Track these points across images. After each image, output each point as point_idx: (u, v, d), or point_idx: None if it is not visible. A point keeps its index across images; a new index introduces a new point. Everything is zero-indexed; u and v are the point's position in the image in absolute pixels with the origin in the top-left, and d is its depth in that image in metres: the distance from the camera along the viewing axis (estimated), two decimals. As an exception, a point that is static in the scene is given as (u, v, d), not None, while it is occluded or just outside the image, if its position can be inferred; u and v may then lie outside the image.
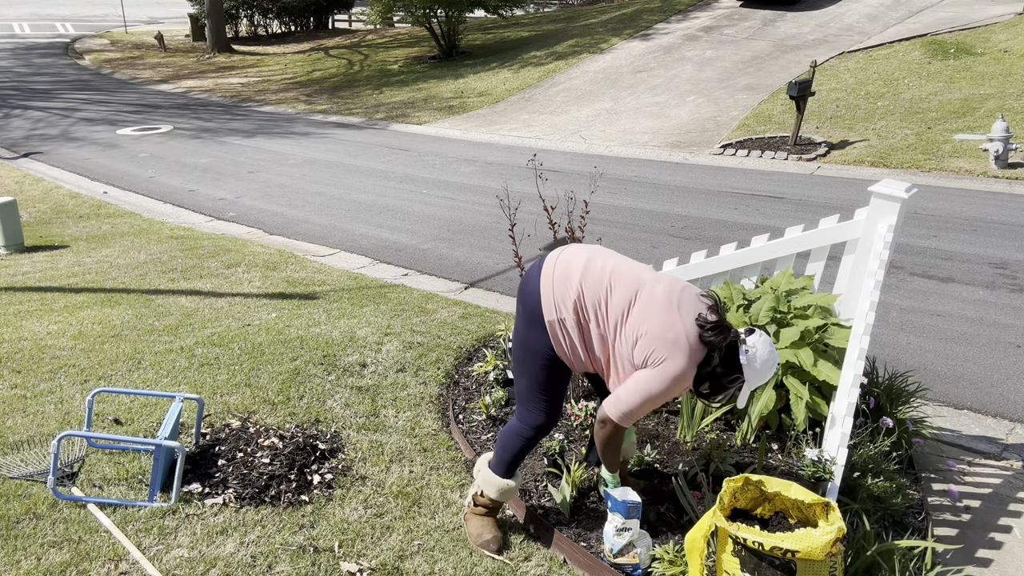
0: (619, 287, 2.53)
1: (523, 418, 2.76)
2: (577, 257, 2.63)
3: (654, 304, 2.48)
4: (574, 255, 2.65)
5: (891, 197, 3.39)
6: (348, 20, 28.99)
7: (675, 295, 2.51)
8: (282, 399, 3.90)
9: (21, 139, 12.79)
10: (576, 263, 2.61)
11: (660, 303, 2.48)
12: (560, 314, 2.58)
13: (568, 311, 2.56)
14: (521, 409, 2.77)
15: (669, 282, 2.55)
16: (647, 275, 2.58)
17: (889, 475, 3.08)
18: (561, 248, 2.73)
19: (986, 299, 5.55)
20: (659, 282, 2.55)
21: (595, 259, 2.61)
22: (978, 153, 9.46)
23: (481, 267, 6.54)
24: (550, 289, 2.60)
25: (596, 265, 2.59)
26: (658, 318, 2.46)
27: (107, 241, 7.19)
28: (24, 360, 4.29)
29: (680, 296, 2.51)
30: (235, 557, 2.76)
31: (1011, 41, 13.36)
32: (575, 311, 2.56)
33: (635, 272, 2.58)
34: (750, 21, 17.78)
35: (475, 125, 13.49)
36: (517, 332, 2.71)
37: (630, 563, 2.68)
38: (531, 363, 2.67)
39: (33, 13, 32.83)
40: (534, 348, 2.65)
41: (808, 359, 3.28)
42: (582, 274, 2.57)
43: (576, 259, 2.63)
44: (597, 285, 2.55)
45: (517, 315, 2.72)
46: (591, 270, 2.58)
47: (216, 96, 17.59)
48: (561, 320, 2.58)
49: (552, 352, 2.64)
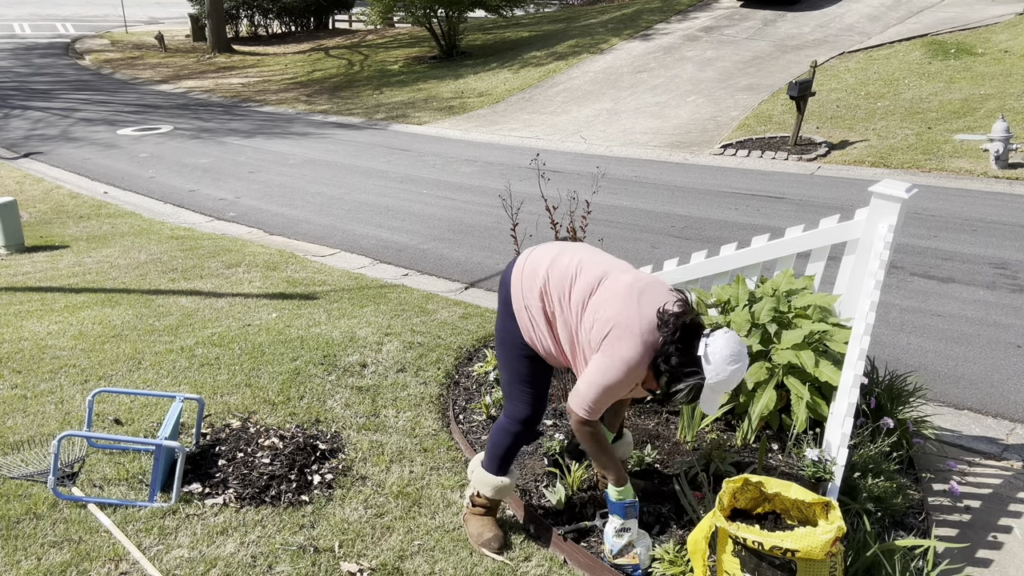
0: (584, 275, 2.57)
1: (508, 412, 2.79)
2: (549, 250, 2.71)
3: (615, 291, 2.49)
4: (547, 248, 2.72)
5: (891, 197, 3.39)
6: (348, 20, 29.00)
7: (639, 285, 2.49)
8: (282, 399, 3.90)
9: (21, 139, 12.79)
10: (547, 255, 2.68)
11: (621, 291, 2.48)
12: (527, 300, 2.63)
13: (535, 298, 2.62)
14: (507, 404, 2.80)
15: (636, 275, 2.55)
16: (616, 266, 2.60)
17: (889, 475, 3.08)
18: (540, 244, 2.79)
19: (986, 299, 5.55)
20: (626, 272, 2.56)
21: (566, 252, 2.67)
22: (978, 153, 9.46)
23: (481, 267, 6.54)
24: (519, 278, 2.67)
25: (565, 256, 2.64)
26: (616, 303, 2.46)
27: (107, 241, 7.19)
28: (24, 360, 4.29)
29: (644, 287, 2.50)
30: (235, 557, 2.76)
31: (1011, 41, 13.35)
32: (540, 298, 2.61)
33: (604, 263, 2.60)
34: (750, 21, 17.78)
35: (475, 125, 13.49)
36: (497, 325, 2.78)
37: (630, 563, 2.68)
38: (509, 354, 2.73)
39: (33, 13, 32.84)
40: (510, 340, 2.71)
41: (809, 360, 3.28)
42: (550, 264, 2.64)
43: (548, 251, 2.70)
44: (563, 274, 2.59)
45: (497, 309, 2.78)
46: (559, 260, 2.63)
47: (216, 96, 17.59)
48: (528, 307, 2.63)
49: (524, 341, 2.68)
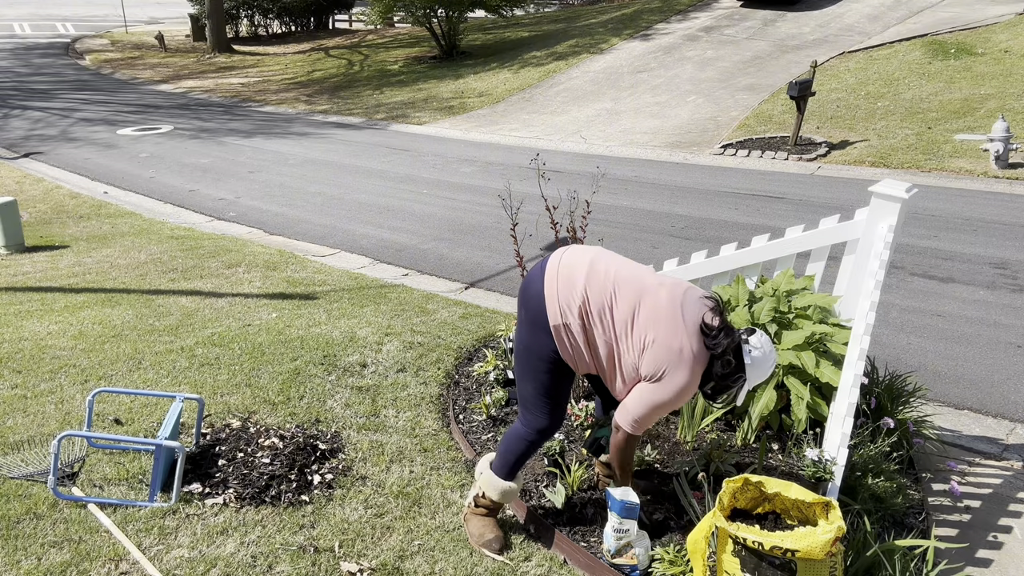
0: (623, 294, 2.54)
1: (527, 422, 2.75)
2: (580, 261, 2.63)
3: (659, 312, 2.49)
4: (577, 259, 2.64)
5: (891, 197, 3.39)
6: (348, 20, 29.00)
7: (678, 300, 2.52)
8: (282, 399, 3.90)
9: (20, 139, 12.79)
10: (580, 267, 2.60)
11: (665, 310, 2.49)
12: (565, 319, 2.57)
13: (573, 316, 2.56)
14: (525, 413, 2.76)
15: (671, 286, 2.56)
16: (649, 279, 2.58)
17: (889, 475, 3.08)
18: (563, 250, 2.72)
19: (986, 299, 5.54)
20: (662, 287, 2.55)
21: (598, 263, 2.61)
22: (978, 153, 9.45)
23: (481, 267, 6.54)
24: (554, 293, 2.59)
25: (600, 270, 2.58)
26: (663, 326, 2.47)
27: (107, 241, 7.19)
28: (24, 360, 4.29)
29: (683, 300, 2.52)
30: (235, 557, 2.76)
31: (1011, 41, 13.35)
32: (580, 316, 2.56)
33: (638, 277, 2.58)
34: (750, 21, 17.78)
35: (475, 125, 13.49)
36: (520, 337, 2.69)
37: (628, 563, 2.68)
38: (535, 367, 2.66)
39: (33, 13, 32.83)
40: (539, 352, 2.64)
41: (810, 361, 3.29)
42: (587, 279, 2.57)
43: (579, 263, 2.62)
44: (601, 291, 2.55)
45: (519, 319, 2.70)
46: (595, 275, 2.57)
47: (216, 96, 17.59)
48: (567, 325, 2.57)
49: (557, 355, 2.63)
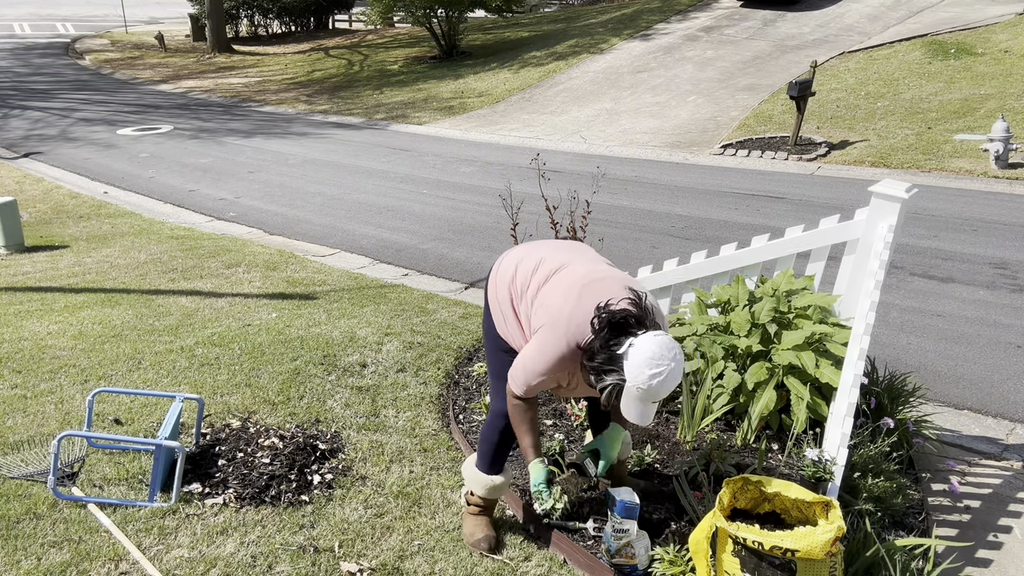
0: (544, 265, 2.58)
1: (494, 409, 2.80)
2: (530, 248, 2.72)
3: (563, 282, 2.47)
4: (530, 246, 2.74)
5: (891, 197, 3.39)
6: (348, 20, 29.00)
7: (590, 278, 2.42)
8: (282, 399, 3.90)
9: (20, 139, 12.79)
10: (525, 251, 2.70)
11: (568, 282, 2.45)
12: (499, 294, 2.66)
13: (504, 291, 2.64)
14: (492, 400, 2.83)
15: (595, 269, 2.46)
16: (582, 260, 2.54)
17: (889, 475, 3.08)
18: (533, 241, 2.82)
19: (986, 299, 5.55)
20: (588, 265, 2.50)
21: (542, 247, 2.68)
22: (978, 153, 9.46)
23: (481, 267, 6.54)
24: (495, 273, 2.72)
25: (539, 252, 2.65)
26: (558, 294, 2.44)
27: (107, 241, 7.19)
28: (24, 360, 4.29)
29: (594, 281, 2.41)
30: (235, 557, 2.76)
31: (1011, 41, 13.35)
32: (508, 291, 2.63)
33: (570, 257, 2.57)
34: (750, 21, 17.78)
35: (475, 125, 13.49)
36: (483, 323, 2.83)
37: (628, 563, 2.68)
38: (489, 348, 2.78)
39: (33, 13, 32.83)
40: (489, 333, 2.77)
41: (810, 362, 3.29)
42: (522, 257, 2.66)
43: (528, 249, 2.71)
44: (529, 267, 2.61)
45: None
46: (532, 255, 2.65)
47: (216, 96, 17.59)
48: (499, 301, 2.66)
49: (499, 335, 2.71)
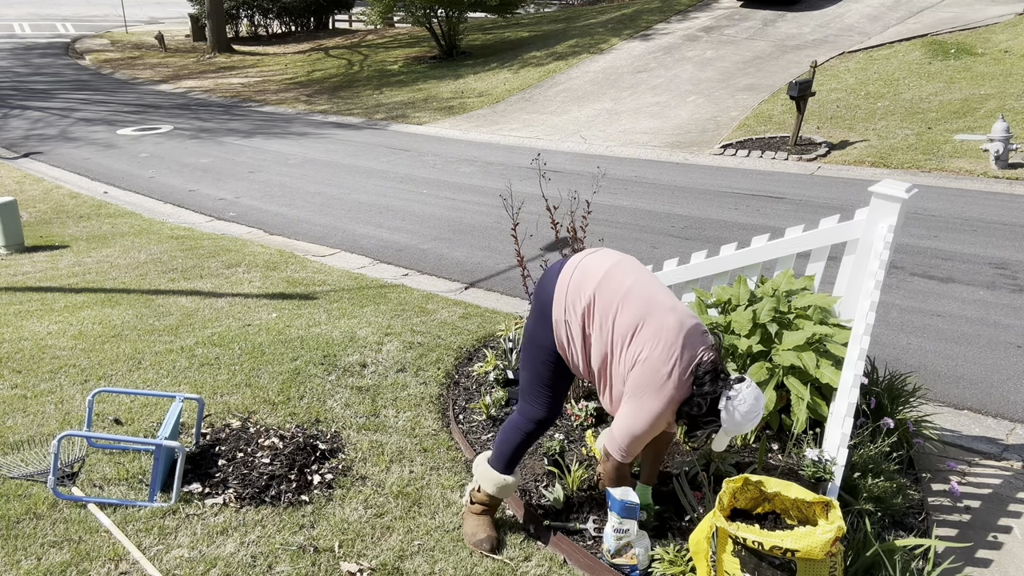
0: (631, 306, 2.51)
1: (524, 411, 2.78)
2: (599, 265, 2.62)
3: (662, 332, 2.46)
4: (598, 262, 2.64)
5: (891, 197, 3.39)
6: (348, 20, 29.00)
7: (685, 328, 2.48)
8: (282, 399, 3.90)
9: (20, 139, 12.79)
10: (596, 271, 2.60)
11: (669, 333, 2.46)
12: (568, 315, 2.59)
13: (576, 315, 2.57)
14: (523, 403, 2.79)
15: (683, 312, 2.53)
16: (663, 298, 2.55)
17: (889, 475, 3.08)
18: (589, 251, 2.73)
19: (986, 299, 5.55)
20: (673, 311, 2.51)
21: (616, 271, 2.59)
22: (978, 153, 9.46)
23: (481, 267, 6.54)
24: (564, 289, 2.61)
25: (615, 277, 2.57)
26: (661, 347, 2.45)
27: (107, 241, 7.19)
28: (24, 360, 4.29)
29: (690, 331, 2.49)
30: (235, 557, 2.76)
31: (1011, 41, 13.35)
32: (583, 317, 2.56)
33: (652, 293, 2.55)
34: (750, 21, 17.78)
35: (475, 125, 13.49)
36: (527, 326, 2.75)
37: (628, 563, 2.68)
38: (535, 356, 2.70)
39: (33, 13, 32.83)
40: (540, 343, 2.68)
41: (811, 362, 3.28)
42: (599, 283, 2.57)
43: (598, 267, 2.61)
44: (611, 298, 2.53)
45: (531, 308, 2.75)
46: (609, 281, 2.56)
47: (216, 96, 17.59)
48: (567, 322, 2.59)
49: (555, 349, 2.66)
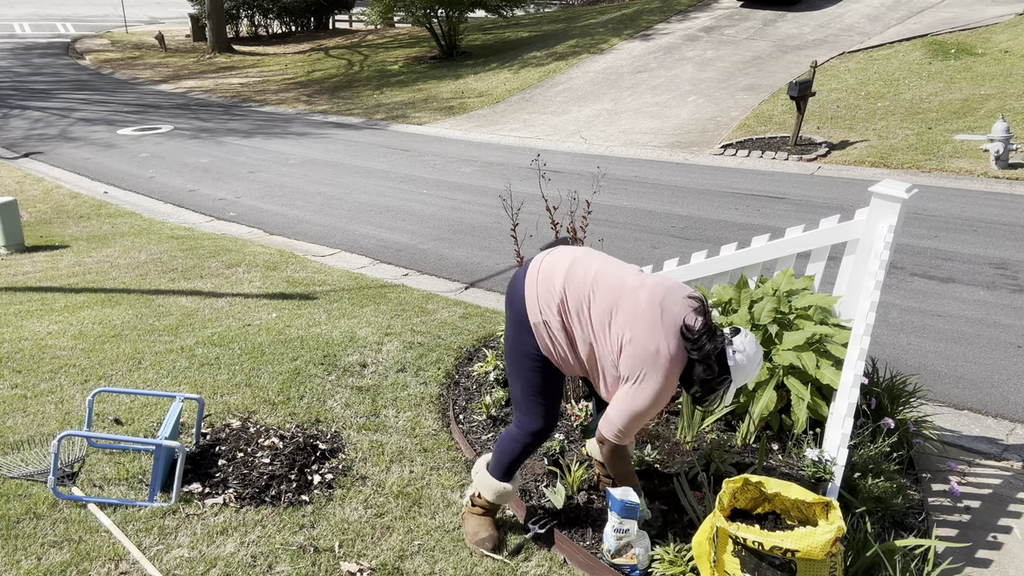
0: (602, 293, 2.51)
1: (521, 424, 2.74)
2: (561, 260, 2.63)
3: (637, 311, 2.45)
4: (558, 258, 2.64)
5: (891, 197, 3.39)
6: (348, 20, 29.00)
7: (657, 300, 2.46)
8: (282, 399, 3.90)
9: (20, 139, 12.79)
10: (560, 266, 2.60)
11: (643, 310, 2.45)
12: (544, 316, 2.57)
13: (552, 313, 2.56)
14: (519, 415, 2.75)
15: (652, 287, 2.51)
16: (631, 279, 2.54)
17: (890, 475, 3.08)
18: (547, 251, 2.72)
19: (986, 299, 5.55)
20: (642, 287, 2.50)
21: (579, 262, 2.60)
22: (978, 153, 9.46)
23: (481, 267, 6.54)
24: (534, 291, 2.60)
25: (579, 269, 2.57)
26: (640, 326, 2.44)
27: (108, 241, 7.19)
28: (24, 360, 4.29)
29: (664, 300, 2.47)
30: (235, 557, 2.76)
31: (1012, 41, 13.35)
32: (559, 313, 2.56)
33: (619, 276, 2.54)
34: (750, 21, 17.78)
35: (475, 125, 13.49)
36: (507, 337, 2.71)
37: (628, 564, 2.68)
38: (522, 366, 2.66)
39: (33, 13, 32.83)
40: (523, 350, 2.64)
41: (811, 362, 3.29)
42: (565, 277, 2.57)
43: (560, 262, 2.62)
44: (580, 289, 2.54)
45: (506, 319, 2.71)
46: (575, 273, 2.57)
47: (216, 96, 17.59)
48: (546, 322, 2.57)
49: (540, 354, 2.63)
